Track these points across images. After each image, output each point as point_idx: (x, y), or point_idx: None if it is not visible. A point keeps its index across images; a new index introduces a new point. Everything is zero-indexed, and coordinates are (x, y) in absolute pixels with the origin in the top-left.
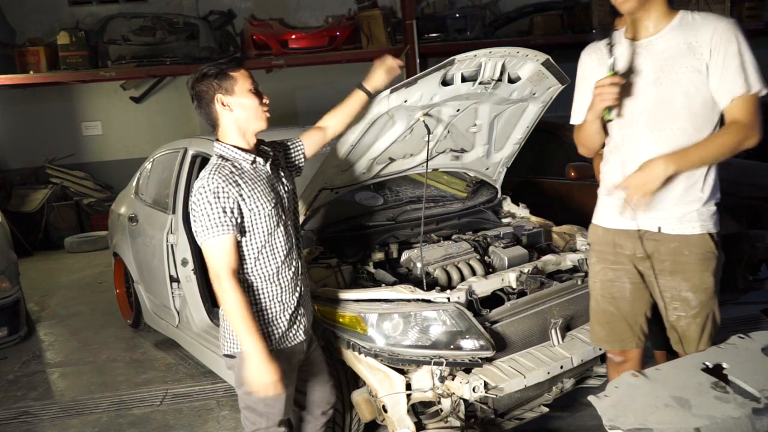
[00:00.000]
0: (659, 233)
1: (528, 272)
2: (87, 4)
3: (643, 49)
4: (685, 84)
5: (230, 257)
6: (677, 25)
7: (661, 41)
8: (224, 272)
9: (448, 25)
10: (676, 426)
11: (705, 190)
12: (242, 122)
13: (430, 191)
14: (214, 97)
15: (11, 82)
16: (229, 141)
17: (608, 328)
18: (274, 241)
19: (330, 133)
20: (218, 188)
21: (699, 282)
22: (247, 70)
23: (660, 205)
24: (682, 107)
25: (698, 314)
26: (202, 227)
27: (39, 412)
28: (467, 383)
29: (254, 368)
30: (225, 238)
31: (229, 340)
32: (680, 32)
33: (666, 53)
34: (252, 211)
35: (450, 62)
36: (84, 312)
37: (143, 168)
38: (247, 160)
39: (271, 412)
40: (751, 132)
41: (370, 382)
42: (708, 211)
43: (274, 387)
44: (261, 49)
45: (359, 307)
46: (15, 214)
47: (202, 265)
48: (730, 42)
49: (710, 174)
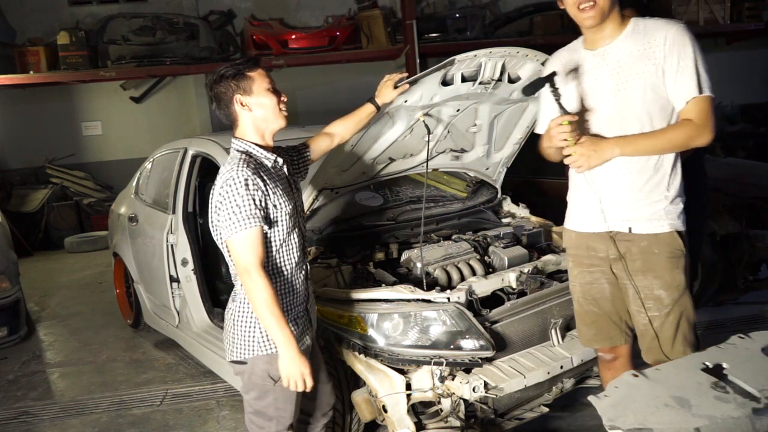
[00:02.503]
0: (630, 233)
1: (528, 272)
2: (87, 4)
3: (599, 59)
4: (641, 89)
5: (260, 250)
6: (630, 33)
7: (616, 50)
8: (255, 265)
9: (448, 25)
10: (676, 426)
11: (671, 189)
12: (261, 121)
13: (430, 191)
14: (233, 98)
15: (11, 82)
16: (248, 139)
17: (595, 328)
18: (291, 242)
19: (336, 141)
20: (248, 179)
21: (670, 279)
22: (264, 69)
23: (629, 206)
24: (642, 112)
25: (671, 312)
26: (230, 220)
27: (39, 412)
28: (467, 383)
29: (288, 361)
30: (255, 231)
31: (238, 346)
32: (633, 40)
33: (621, 61)
34: (276, 208)
35: (450, 62)
36: (84, 312)
37: (143, 168)
38: (269, 159)
39: (281, 416)
40: (702, 131)
41: (370, 382)
42: (675, 209)
43: (307, 380)
44: (261, 49)
45: (359, 307)
46: (15, 214)
47: (202, 265)
48: (683, 46)
49: (675, 173)
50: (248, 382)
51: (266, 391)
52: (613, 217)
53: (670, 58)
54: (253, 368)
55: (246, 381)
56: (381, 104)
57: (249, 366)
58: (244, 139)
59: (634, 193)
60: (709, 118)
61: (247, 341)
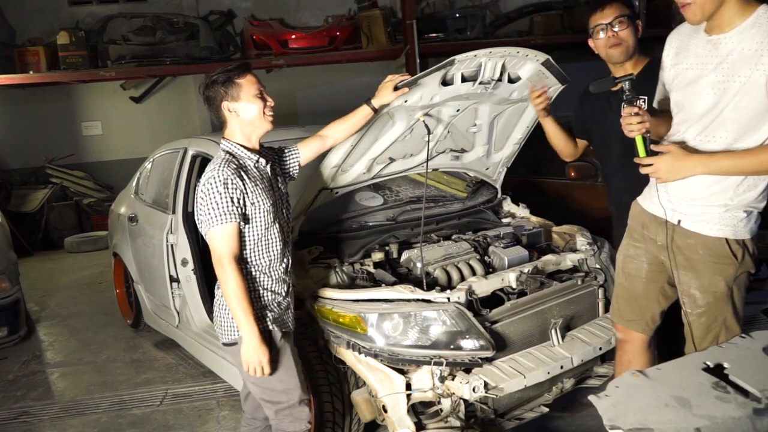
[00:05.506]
0: (679, 226)
1: (528, 272)
2: (87, 4)
3: (711, 47)
4: (741, 94)
5: (234, 243)
6: (749, 26)
7: (729, 42)
8: (227, 257)
9: (448, 25)
10: (676, 426)
11: (735, 199)
12: (247, 126)
13: (430, 191)
14: (221, 104)
15: (11, 82)
16: (235, 140)
17: (620, 303)
18: (269, 236)
19: (329, 143)
20: (227, 179)
21: (708, 283)
22: (254, 75)
23: (683, 200)
24: (735, 119)
25: (703, 314)
26: (209, 215)
27: (39, 412)
28: (467, 383)
29: (248, 348)
30: (230, 226)
31: (226, 329)
32: (752, 34)
33: (730, 57)
34: (254, 205)
35: (450, 62)
36: (84, 312)
37: (143, 168)
38: (251, 159)
39: (288, 388)
40: None
41: (370, 382)
42: (733, 217)
43: (265, 367)
44: (261, 49)
45: (359, 307)
46: (15, 214)
47: (202, 265)
48: None
49: (748, 186)
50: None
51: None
52: (669, 205)
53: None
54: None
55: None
56: (378, 106)
57: (239, 346)
58: (231, 140)
59: (694, 191)
60: None
61: (233, 323)
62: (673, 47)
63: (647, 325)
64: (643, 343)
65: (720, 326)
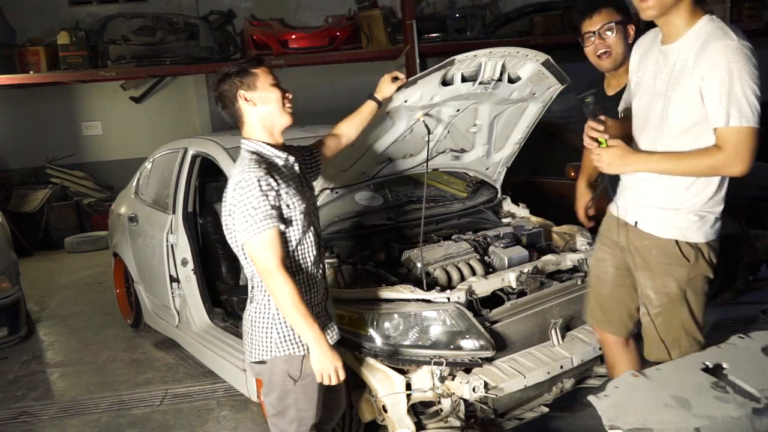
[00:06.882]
0: (635, 228)
1: (528, 272)
2: (87, 4)
3: (662, 57)
4: (682, 103)
5: (279, 249)
6: (692, 37)
7: (674, 52)
8: (276, 265)
9: (448, 25)
10: (676, 426)
11: (686, 201)
12: (266, 118)
13: (430, 191)
14: (237, 94)
15: (11, 82)
16: (257, 138)
17: (592, 305)
18: (306, 240)
19: (344, 141)
20: (260, 179)
21: (661, 285)
22: (268, 67)
23: (640, 203)
24: (678, 125)
25: (659, 315)
26: (248, 223)
27: (39, 412)
28: (467, 383)
29: (319, 356)
30: (272, 232)
31: (257, 347)
32: (690, 45)
33: (675, 67)
34: (289, 208)
35: (450, 62)
36: (84, 312)
37: (143, 168)
38: (279, 158)
39: (303, 417)
40: (731, 162)
41: (370, 382)
42: (684, 219)
43: (340, 373)
44: (261, 49)
45: (359, 307)
46: (15, 214)
47: (202, 265)
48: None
49: (699, 190)
50: (269, 382)
51: (287, 392)
52: (626, 208)
53: (708, 79)
54: (272, 368)
55: (267, 382)
56: (381, 99)
57: (269, 366)
58: (253, 138)
59: (648, 194)
60: (741, 149)
61: (265, 342)
62: (637, 54)
63: (618, 327)
64: (619, 345)
65: (679, 329)
